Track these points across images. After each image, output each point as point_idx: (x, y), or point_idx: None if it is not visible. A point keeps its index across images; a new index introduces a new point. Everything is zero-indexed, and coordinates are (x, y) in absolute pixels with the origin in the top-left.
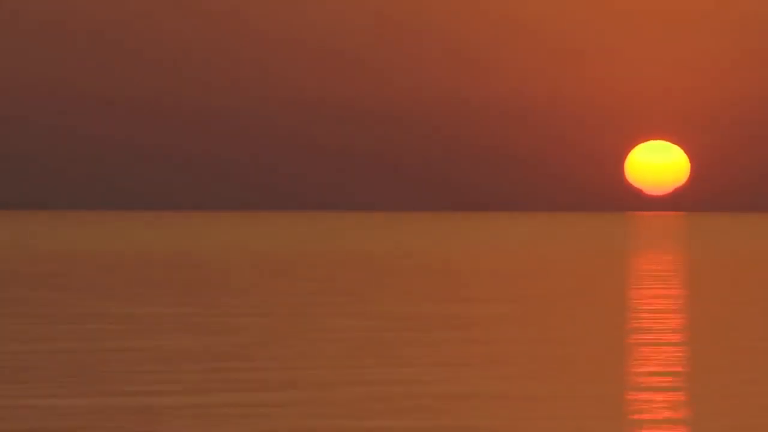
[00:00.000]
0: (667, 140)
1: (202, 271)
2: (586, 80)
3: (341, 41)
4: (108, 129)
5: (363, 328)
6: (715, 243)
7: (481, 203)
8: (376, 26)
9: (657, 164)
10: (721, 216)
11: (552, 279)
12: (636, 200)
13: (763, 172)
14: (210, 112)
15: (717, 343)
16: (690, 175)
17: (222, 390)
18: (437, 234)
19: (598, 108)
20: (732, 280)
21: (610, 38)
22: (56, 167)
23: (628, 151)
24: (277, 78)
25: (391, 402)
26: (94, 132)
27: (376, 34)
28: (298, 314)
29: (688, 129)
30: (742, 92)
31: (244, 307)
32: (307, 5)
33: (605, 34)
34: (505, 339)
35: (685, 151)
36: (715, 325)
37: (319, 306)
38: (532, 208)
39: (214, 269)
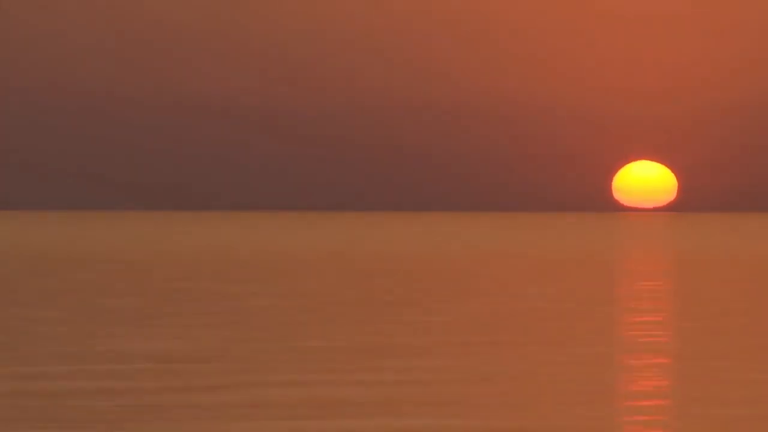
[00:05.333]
0: (653, 160)
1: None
2: (582, 98)
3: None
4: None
5: None
6: (676, 242)
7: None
8: (374, 26)
9: (644, 181)
10: (700, 216)
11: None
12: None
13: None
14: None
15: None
16: (677, 194)
17: None
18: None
19: (590, 125)
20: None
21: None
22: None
23: (617, 170)
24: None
25: None
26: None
27: (376, 34)
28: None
29: (675, 149)
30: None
31: None
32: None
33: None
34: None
35: (672, 170)
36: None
37: None
38: (531, 209)
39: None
